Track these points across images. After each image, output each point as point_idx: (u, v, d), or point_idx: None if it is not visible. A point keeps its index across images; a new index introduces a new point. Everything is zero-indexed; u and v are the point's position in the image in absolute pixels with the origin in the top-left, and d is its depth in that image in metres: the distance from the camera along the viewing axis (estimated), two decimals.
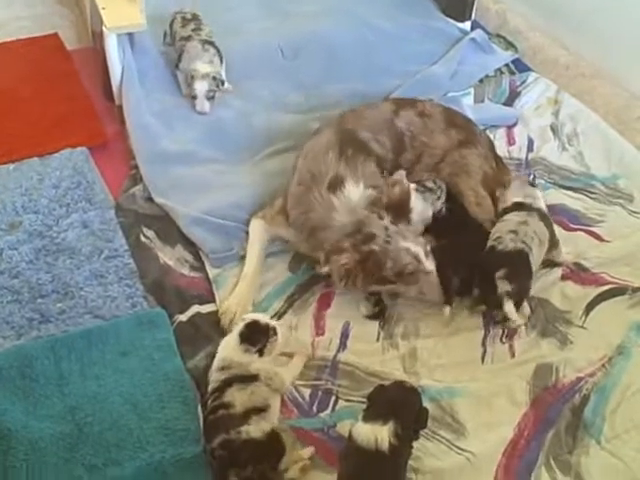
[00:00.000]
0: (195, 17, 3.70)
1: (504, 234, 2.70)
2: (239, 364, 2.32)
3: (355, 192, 2.69)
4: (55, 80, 3.76)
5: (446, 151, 3.06)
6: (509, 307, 2.57)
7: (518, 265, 2.64)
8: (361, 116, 3.05)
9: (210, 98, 3.49)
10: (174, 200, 3.06)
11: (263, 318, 2.45)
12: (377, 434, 2.00)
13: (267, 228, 2.90)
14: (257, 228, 2.90)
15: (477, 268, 2.68)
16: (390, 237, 2.56)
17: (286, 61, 3.81)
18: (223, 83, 3.54)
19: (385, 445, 1.98)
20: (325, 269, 2.58)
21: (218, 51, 3.57)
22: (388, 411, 2.06)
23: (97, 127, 3.49)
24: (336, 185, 2.70)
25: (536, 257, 2.69)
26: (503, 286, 2.59)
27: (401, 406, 2.10)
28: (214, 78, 3.47)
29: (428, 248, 2.63)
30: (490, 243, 2.71)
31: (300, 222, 2.75)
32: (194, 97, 3.49)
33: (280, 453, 2.18)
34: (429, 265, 2.59)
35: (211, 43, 3.58)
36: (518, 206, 2.81)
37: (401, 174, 2.72)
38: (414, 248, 2.58)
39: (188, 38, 3.57)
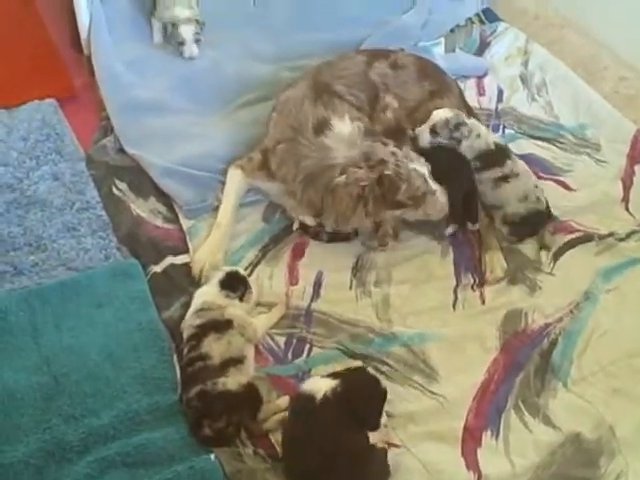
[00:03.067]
0: None
1: (539, 193, 2.79)
2: (218, 306, 2.38)
3: (344, 126, 2.68)
4: (21, 31, 3.65)
5: (419, 102, 3.05)
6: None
7: None
8: (335, 69, 3.02)
9: (197, 41, 3.46)
10: (146, 151, 3.03)
11: (241, 270, 2.53)
12: (320, 384, 2.10)
13: (246, 179, 2.88)
14: (235, 178, 2.88)
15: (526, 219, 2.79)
16: (399, 161, 2.56)
17: (257, 9, 3.76)
18: (204, 25, 3.49)
19: (320, 395, 2.06)
20: (341, 178, 2.54)
21: None
22: (340, 375, 2.15)
23: (65, 78, 3.43)
24: (322, 127, 2.68)
25: None
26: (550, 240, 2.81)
27: (352, 377, 2.17)
28: (197, 21, 3.44)
29: (429, 168, 2.64)
30: (532, 205, 2.76)
31: (292, 176, 2.70)
32: (181, 43, 3.44)
33: (257, 405, 2.23)
34: (434, 184, 2.61)
35: None
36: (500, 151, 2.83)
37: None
38: (421, 169, 2.59)
39: None
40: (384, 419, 2.22)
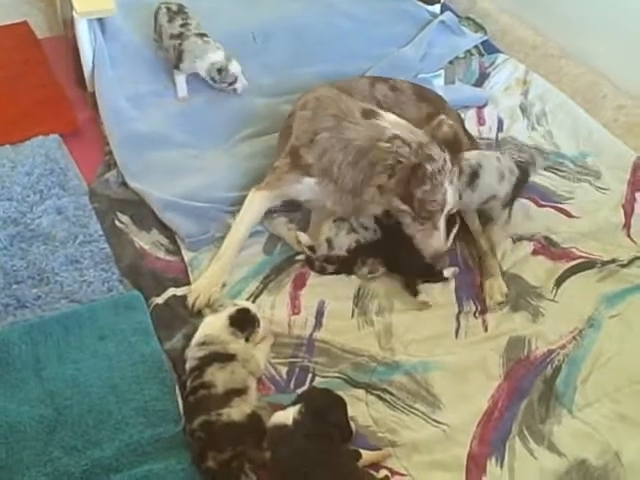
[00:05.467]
0: (181, 9, 3.60)
1: (505, 162, 2.90)
2: (221, 341, 2.34)
3: (392, 116, 2.69)
4: (26, 68, 3.74)
5: (416, 123, 3.07)
6: None
7: None
8: (349, 87, 3.04)
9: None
10: (148, 184, 3.06)
11: (252, 308, 2.48)
12: (285, 414, 2.14)
13: (270, 195, 2.84)
14: (254, 201, 2.84)
15: None
16: (443, 171, 2.55)
17: (258, 46, 3.82)
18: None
19: (290, 421, 2.11)
20: (385, 144, 2.54)
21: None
22: (297, 401, 2.20)
23: (69, 114, 3.48)
24: (370, 114, 2.69)
25: None
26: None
27: (307, 396, 2.24)
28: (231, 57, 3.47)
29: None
30: (512, 179, 2.87)
31: (338, 162, 2.66)
32: (232, 82, 3.47)
33: (261, 435, 2.19)
34: (441, 224, 2.62)
35: (205, 34, 3.51)
36: None
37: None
38: (449, 198, 2.59)
39: (180, 36, 3.47)
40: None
